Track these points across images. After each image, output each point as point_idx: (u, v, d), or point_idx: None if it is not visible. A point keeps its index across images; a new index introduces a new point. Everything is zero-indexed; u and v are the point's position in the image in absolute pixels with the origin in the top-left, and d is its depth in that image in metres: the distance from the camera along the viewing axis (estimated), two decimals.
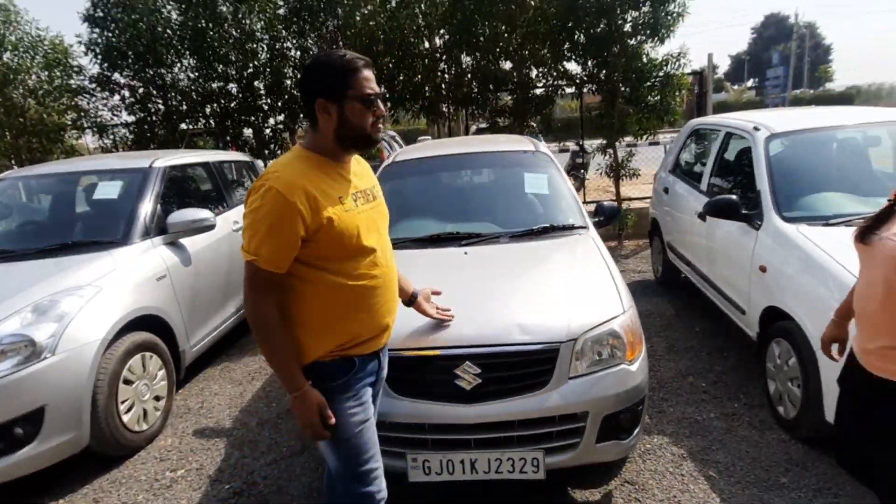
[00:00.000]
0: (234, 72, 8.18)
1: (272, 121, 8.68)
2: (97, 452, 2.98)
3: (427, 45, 8.05)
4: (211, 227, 3.89)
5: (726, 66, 57.31)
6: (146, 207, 3.72)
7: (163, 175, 4.00)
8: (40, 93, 8.48)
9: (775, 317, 3.01)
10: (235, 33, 7.81)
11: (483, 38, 7.56)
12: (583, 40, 7.41)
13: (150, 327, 3.35)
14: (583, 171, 9.44)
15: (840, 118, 3.89)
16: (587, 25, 7.18)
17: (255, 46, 8.10)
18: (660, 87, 7.28)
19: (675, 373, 3.64)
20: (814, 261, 2.77)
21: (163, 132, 8.44)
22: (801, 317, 2.75)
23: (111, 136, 8.84)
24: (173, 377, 3.54)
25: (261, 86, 8.46)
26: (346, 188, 1.65)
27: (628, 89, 7.37)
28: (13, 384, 2.60)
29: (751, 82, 54.64)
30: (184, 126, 8.68)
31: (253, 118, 8.56)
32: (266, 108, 8.55)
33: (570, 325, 2.29)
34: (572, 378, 2.24)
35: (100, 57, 7.92)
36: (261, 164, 6.18)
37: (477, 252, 2.96)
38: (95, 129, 8.86)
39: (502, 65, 7.94)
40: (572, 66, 7.90)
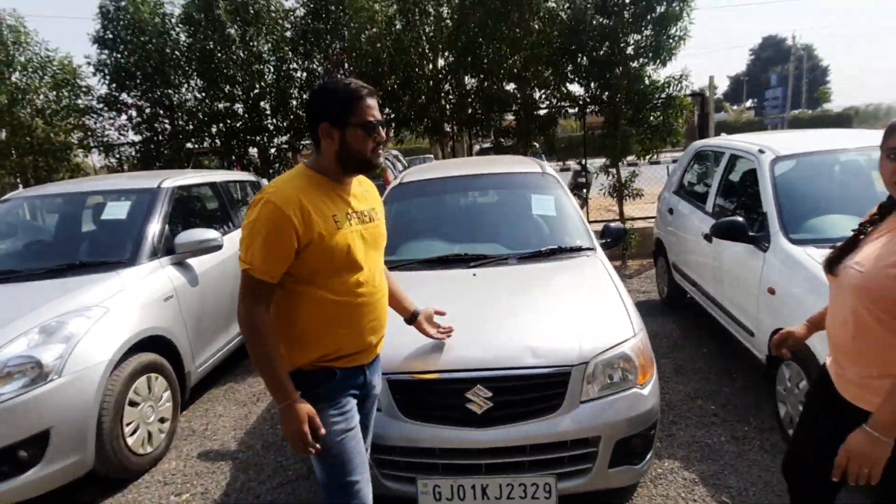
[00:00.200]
0: (240, 92, 8.27)
1: (277, 140, 8.76)
2: (101, 476, 2.94)
3: (431, 66, 8.15)
4: (218, 247, 3.89)
5: (725, 86, 57.99)
6: (154, 228, 3.73)
7: (171, 195, 4.02)
8: (48, 112, 8.56)
9: None
10: (242, 55, 7.92)
11: (487, 60, 7.66)
12: (586, 63, 7.53)
13: (156, 348, 3.34)
14: (585, 191, 9.50)
15: (843, 141, 3.91)
16: (590, 49, 7.29)
17: (261, 67, 8.21)
18: (662, 108, 7.36)
19: (683, 395, 3.61)
20: (822, 283, 2.75)
21: (168, 151, 8.51)
22: (811, 339, 2.72)
23: (117, 156, 8.93)
24: (178, 398, 3.51)
25: (267, 106, 8.55)
26: (342, 207, 1.71)
27: (631, 110, 7.45)
28: (19, 406, 2.58)
29: (749, 103, 55.16)
30: (189, 145, 8.76)
31: (258, 137, 8.63)
32: (272, 127, 8.63)
33: (581, 348, 2.28)
34: (584, 402, 2.23)
35: (108, 77, 8.02)
36: (266, 183, 6.22)
37: (485, 273, 2.96)
38: (102, 149, 8.95)
39: (506, 86, 8.03)
40: (575, 87, 8.01)
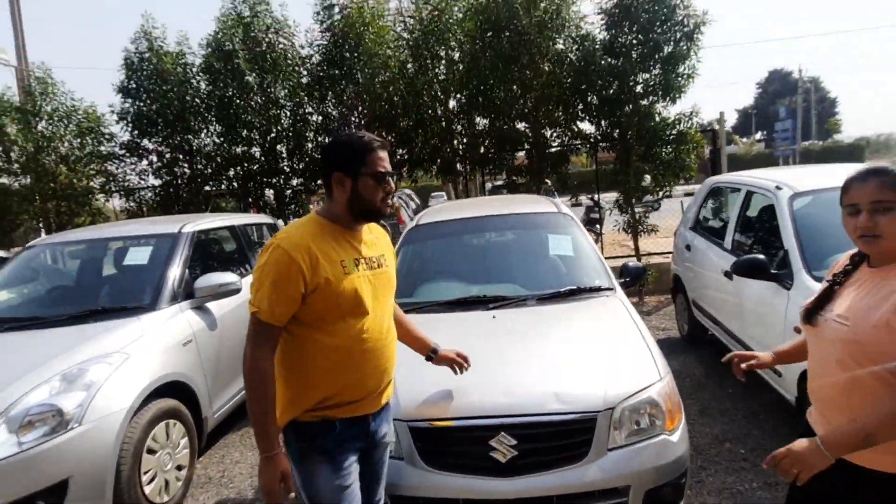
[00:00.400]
0: (257, 136, 8.49)
1: (293, 182, 8.92)
2: None
3: (443, 108, 8.32)
4: (237, 290, 3.92)
5: (734, 119, 58.25)
6: (175, 272, 3.77)
7: (191, 240, 4.08)
8: (72, 159, 8.82)
9: None
10: (260, 100, 8.15)
11: (498, 100, 7.80)
12: (595, 102, 7.65)
13: (174, 393, 3.33)
14: (598, 226, 9.50)
15: None
16: (599, 88, 7.41)
17: (278, 112, 8.44)
18: (674, 144, 7.42)
19: (711, 438, 3.51)
20: None
21: (187, 194, 8.70)
22: None
23: (137, 199, 9.13)
24: (196, 445, 3.48)
25: (283, 149, 8.75)
26: (350, 253, 1.75)
27: (643, 147, 7.51)
28: (40, 455, 2.57)
29: (759, 135, 55.34)
30: (208, 188, 8.94)
31: (275, 180, 8.80)
32: (287, 169, 8.80)
33: (606, 393, 2.24)
34: (612, 450, 2.17)
35: (131, 125, 8.28)
36: (282, 225, 6.30)
37: (505, 315, 2.94)
38: (123, 193, 9.17)
39: (517, 126, 8.16)
40: (586, 125, 8.11)
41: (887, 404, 1.37)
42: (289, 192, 8.91)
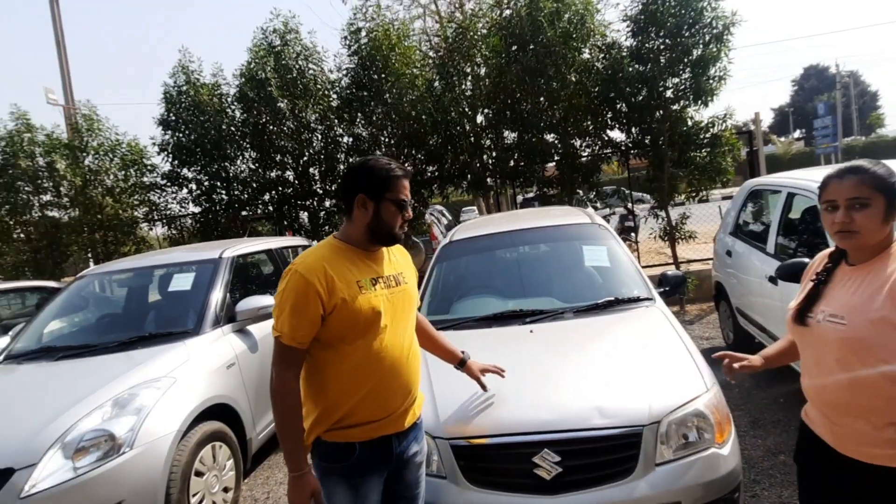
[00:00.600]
0: (290, 160, 8.69)
1: (327, 203, 9.08)
2: None
3: (471, 123, 8.36)
4: None
5: (770, 118, 56.60)
6: (217, 297, 3.88)
7: (231, 265, 4.19)
8: (117, 191, 9.21)
9: None
10: (292, 125, 8.35)
11: (526, 113, 7.80)
12: (625, 109, 7.56)
13: (219, 416, 3.40)
14: (633, 234, 9.34)
15: None
16: (628, 95, 7.33)
17: (310, 136, 8.62)
18: (709, 147, 7.27)
19: (763, 451, 3.37)
20: None
21: (225, 220, 8.95)
22: None
23: (178, 227, 9.45)
24: (241, 467, 3.53)
25: (315, 172, 8.93)
26: (367, 273, 1.78)
27: (676, 152, 7.37)
28: (94, 480, 2.65)
29: (798, 133, 53.68)
30: (245, 213, 9.19)
31: (308, 202, 8.98)
32: (321, 191, 8.97)
33: (651, 406, 2.18)
34: (659, 465, 2.11)
35: (171, 155, 8.60)
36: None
37: (543, 329, 2.90)
38: (165, 221, 9.51)
39: (546, 137, 8.12)
40: (616, 133, 8.02)
41: None
42: (322, 213, 9.07)
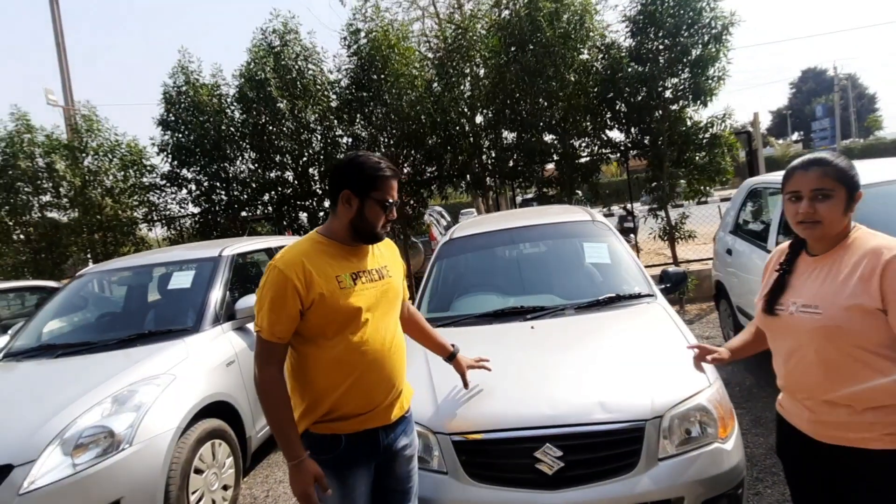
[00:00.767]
0: (290, 160, 8.68)
1: (326, 204, 9.06)
2: None
3: (470, 124, 8.36)
4: None
5: (768, 121, 56.67)
6: (216, 295, 3.86)
7: (231, 263, 4.17)
8: (116, 191, 9.19)
9: None
10: (292, 126, 8.35)
11: (525, 113, 7.80)
12: (624, 109, 7.57)
13: (219, 414, 3.38)
14: (632, 235, 9.34)
15: None
16: (627, 95, 7.34)
17: (309, 136, 8.61)
18: (707, 147, 7.28)
19: (766, 449, 3.35)
20: None
21: (224, 220, 8.94)
22: None
23: (177, 227, 9.43)
24: (241, 465, 3.52)
25: (315, 172, 8.92)
26: (347, 268, 1.78)
27: (675, 152, 7.38)
28: (93, 477, 2.63)
29: (796, 136, 53.79)
30: (244, 213, 9.17)
31: (308, 202, 8.97)
32: (320, 192, 8.96)
33: (653, 401, 2.17)
34: (662, 459, 2.10)
35: (170, 156, 8.59)
36: None
37: (544, 326, 2.89)
38: (164, 222, 9.49)
39: (545, 138, 8.12)
40: (615, 133, 8.03)
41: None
42: (322, 213, 9.06)
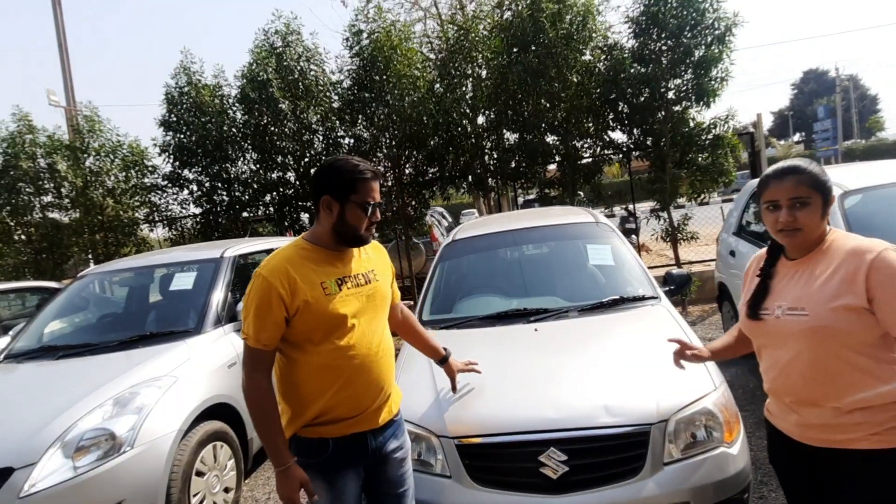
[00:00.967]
0: (291, 161, 8.67)
1: None
2: None
3: (472, 125, 8.35)
4: None
5: (770, 122, 56.61)
6: (218, 296, 3.85)
7: (232, 264, 4.16)
8: (118, 192, 9.19)
9: None
10: (293, 126, 8.34)
11: (527, 114, 7.79)
12: (627, 110, 7.55)
13: (220, 416, 3.37)
14: (633, 236, 9.32)
15: None
16: (630, 96, 7.33)
17: (311, 137, 8.60)
18: (710, 148, 7.26)
19: None
20: None
21: (226, 221, 8.93)
22: None
23: (179, 228, 9.42)
24: (242, 467, 3.50)
25: None
26: (332, 274, 1.78)
27: (678, 153, 7.36)
28: (94, 479, 2.62)
29: (798, 137, 53.73)
30: (245, 214, 9.16)
31: (309, 203, 8.95)
32: None
33: (658, 404, 2.16)
34: (667, 464, 2.08)
35: (172, 156, 8.58)
36: None
37: (547, 328, 2.88)
38: (166, 223, 9.48)
39: (547, 138, 8.11)
40: (617, 134, 8.01)
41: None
42: None
